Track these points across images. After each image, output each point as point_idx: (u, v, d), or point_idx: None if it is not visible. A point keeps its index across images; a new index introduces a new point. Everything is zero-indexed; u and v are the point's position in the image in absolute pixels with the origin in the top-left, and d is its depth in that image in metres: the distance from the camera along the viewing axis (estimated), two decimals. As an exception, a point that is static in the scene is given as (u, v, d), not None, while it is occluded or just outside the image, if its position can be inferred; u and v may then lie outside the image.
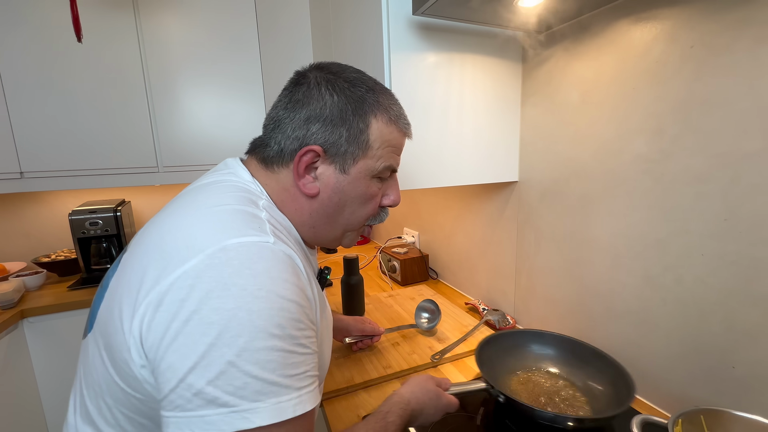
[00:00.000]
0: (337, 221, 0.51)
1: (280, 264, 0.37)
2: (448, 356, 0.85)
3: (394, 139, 0.51)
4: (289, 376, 0.35)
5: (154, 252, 0.38)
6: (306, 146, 0.46)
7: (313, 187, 0.48)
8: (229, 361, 0.32)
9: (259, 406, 0.33)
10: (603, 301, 0.77)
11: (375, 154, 0.49)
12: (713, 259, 0.57)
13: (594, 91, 0.73)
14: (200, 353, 0.32)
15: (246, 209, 0.42)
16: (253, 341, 0.33)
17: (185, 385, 0.32)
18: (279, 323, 0.35)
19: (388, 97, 0.51)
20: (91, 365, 0.42)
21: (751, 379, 0.54)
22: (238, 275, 0.34)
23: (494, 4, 0.67)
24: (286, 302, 0.36)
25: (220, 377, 0.32)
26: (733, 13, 0.52)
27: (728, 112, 0.54)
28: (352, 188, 0.49)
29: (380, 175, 0.51)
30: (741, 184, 0.53)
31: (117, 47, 1.43)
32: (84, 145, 1.45)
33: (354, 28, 0.94)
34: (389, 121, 0.49)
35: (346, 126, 0.46)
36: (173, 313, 0.33)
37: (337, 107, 0.46)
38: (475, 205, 1.15)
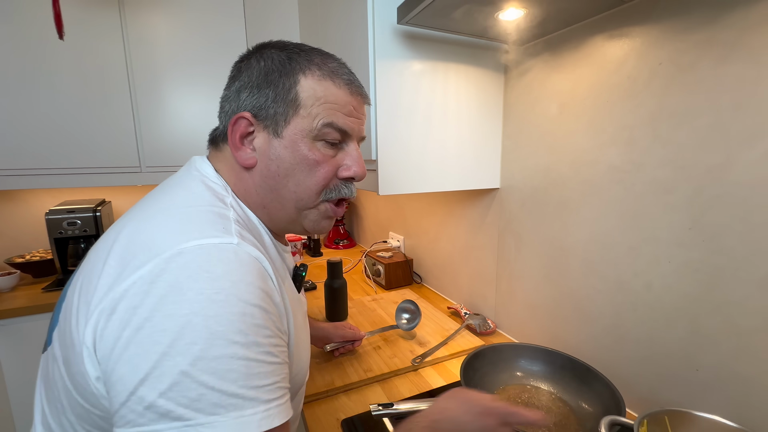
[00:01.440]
0: (283, 195, 0.46)
1: (243, 266, 0.35)
2: (429, 360, 0.86)
3: (332, 95, 0.46)
4: (253, 388, 0.32)
5: (112, 257, 0.35)
6: (236, 114, 0.44)
7: (251, 158, 0.45)
8: (183, 371, 0.30)
9: (218, 420, 0.30)
10: (578, 306, 0.79)
11: (309, 112, 0.44)
12: (679, 266, 0.60)
13: (571, 103, 0.76)
14: (152, 363, 0.30)
15: (212, 209, 0.40)
16: (210, 349, 0.30)
17: (136, 398, 0.30)
18: (240, 329, 0.32)
19: (324, 56, 0.47)
20: (51, 381, 0.40)
21: (713, 381, 0.57)
22: (194, 279, 0.32)
23: (475, 16, 0.69)
24: (249, 307, 0.33)
25: (173, 388, 0.29)
26: (697, 33, 0.55)
27: (693, 126, 0.57)
28: (290, 153, 0.45)
29: (324, 137, 0.46)
30: (704, 196, 0.56)
31: (100, 44, 1.41)
32: (64, 143, 1.41)
33: (341, 35, 0.95)
34: (322, 76, 0.45)
35: (271, 87, 0.44)
36: (125, 321, 0.31)
37: (263, 71, 0.44)
38: (459, 210, 1.17)
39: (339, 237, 2.09)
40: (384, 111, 0.81)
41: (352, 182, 0.51)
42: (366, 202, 1.99)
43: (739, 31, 0.51)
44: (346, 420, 0.68)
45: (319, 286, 1.36)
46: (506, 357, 0.77)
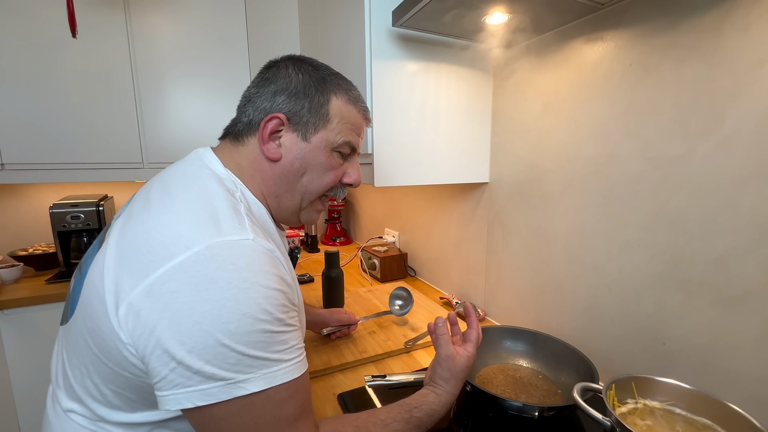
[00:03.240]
0: (296, 188, 0.53)
1: (260, 258, 0.41)
2: (421, 343, 0.91)
3: (353, 118, 0.55)
4: (277, 351, 0.40)
5: (140, 246, 0.40)
6: (271, 114, 0.51)
7: (276, 152, 0.51)
8: (223, 344, 0.37)
9: (252, 377, 0.38)
10: (560, 291, 0.84)
11: (334, 128, 0.53)
12: (648, 248, 0.66)
13: (553, 101, 0.82)
14: (196, 338, 0.36)
15: (227, 204, 0.44)
16: (242, 326, 0.38)
17: (184, 366, 0.36)
18: (265, 309, 0.39)
19: (348, 83, 0.56)
20: (75, 348, 0.45)
21: (676, 353, 0.63)
22: (223, 270, 0.38)
23: (464, 19, 0.74)
24: (270, 291, 0.40)
25: (216, 357, 0.37)
26: (661, 37, 0.61)
27: (658, 121, 0.63)
28: (313, 156, 0.52)
29: (340, 150, 0.54)
30: (668, 184, 0.62)
31: (106, 43, 1.45)
32: (68, 139, 1.45)
33: (339, 36, 1.01)
34: (348, 101, 0.54)
35: (308, 99, 0.51)
36: (164, 304, 0.36)
37: (301, 83, 0.52)
38: (451, 205, 1.22)
39: (336, 234, 2.13)
40: (379, 108, 0.86)
41: (349, 187, 0.60)
42: (362, 200, 2.04)
43: (695, 35, 0.57)
44: (341, 394, 0.73)
45: (317, 279, 1.41)
46: (492, 339, 0.82)
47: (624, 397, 0.57)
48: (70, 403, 0.46)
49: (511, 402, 0.62)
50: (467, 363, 0.58)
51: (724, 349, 0.57)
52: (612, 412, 0.50)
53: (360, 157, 0.94)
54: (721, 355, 0.57)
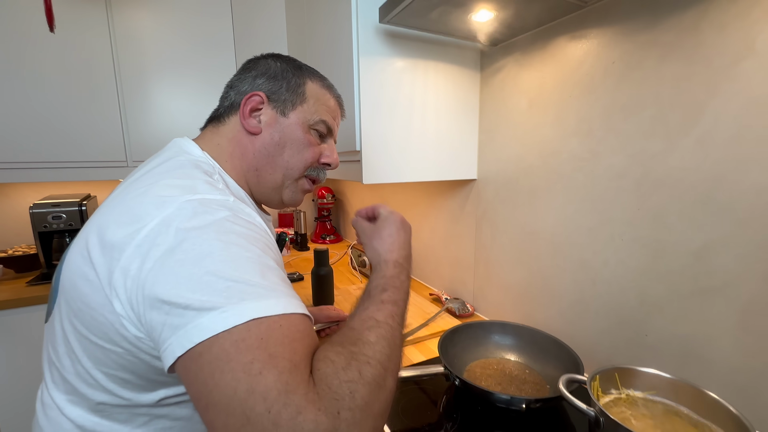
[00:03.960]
0: (277, 162, 0.56)
1: (243, 213, 0.42)
2: (411, 339, 0.92)
3: (328, 102, 0.59)
4: (272, 282, 0.36)
5: (123, 217, 0.40)
6: (251, 92, 0.55)
7: (256, 126, 0.55)
8: (208, 271, 0.34)
9: (246, 304, 0.33)
10: (546, 285, 0.86)
11: (311, 108, 0.57)
12: (630, 243, 0.67)
13: (539, 98, 0.83)
14: (182, 276, 0.34)
15: (205, 178, 0.45)
16: (228, 252, 0.36)
17: (174, 305, 0.33)
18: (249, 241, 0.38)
19: (323, 76, 0.61)
20: (60, 338, 0.44)
21: (658, 344, 0.64)
22: (210, 213, 0.38)
23: (450, 17, 0.75)
24: (251, 231, 0.40)
25: (203, 287, 0.33)
26: (643, 35, 0.63)
27: (640, 117, 0.64)
28: (291, 131, 0.56)
29: (317, 128, 0.58)
30: (649, 179, 0.63)
31: (87, 38, 1.42)
32: (49, 137, 1.41)
33: (327, 33, 1.00)
34: (323, 87, 0.59)
35: (285, 80, 0.56)
36: (150, 257, 0.35)
37: (279, 68, 0.57)
38: (439, 202, 1.23)
39: (326, 232, 2.13)
40: (367, 105, 0.86)
41: (327, 168, 0.62)
42: (352, 198, 2.04)
43: (676, 33, 0.58)
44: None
45: (306, 277, 1.40)
46: (480, 333, 0.84)
47: (608, 387, 0.58)
48: (65, 398, 0.45)
49: (499, 395, 0.63)
50: (386, 221, 0.57)
51: (702, 339, 0.58)
52: (596, 402, 0.51)
53: (348, 154, 0.94)
54: (700, 345, 0.59)
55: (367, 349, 0.36)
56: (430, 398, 0.71)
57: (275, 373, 0.30)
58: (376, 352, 0.36)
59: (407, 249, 0.55)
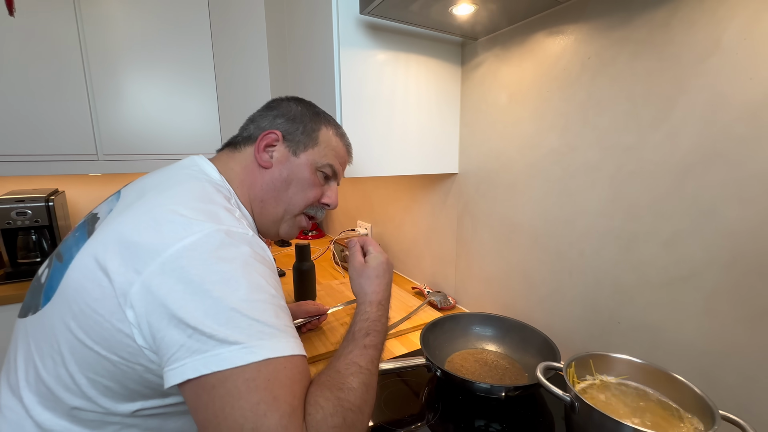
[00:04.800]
0: (281, 197, 0.60)
1: (259, 247, 0.46)
2: (393, 332, 0.92)
3: (338, 148, 0.65)
4: (284, 325, 0.41)
5: (147, 230, 0.41)
6: (270, 129, 0.60)
7: (268, 161, 0.59)
8: (233, 308, 0.37)
9: (263, 343, 0.37)
10: (525, 277, 0.88)
11: (321, 151, 0.62)
12: (605, 234, 0.70)
13: (518, 93, 0.84)
14: (208, 305, 0.37)
15: (224, 208, 0.47)
16: (251, 293, 0.39)
17: (199, 331, 0.36)
18: (269, 282, 0.42)
19: (337, 123, 0.67)
20: (48, 336, 0.44)
21: (630, 331, 0.67)
22: (230, 249, 0.41)
23: (432, 9, 0.75)
24: (272, 271, 0.44)
25: (228, 322, 0.37)
26: (617, 32, 0.64)
27: (614, 112, 0.66)
28: (299, 170, 0.61)
29: (323, 170, 0.63)
30: (622, 172, 0.66)
31: (51, 22, 1.34)
32: (9, 127, 1.34)
33: (306, 22, 0.98)
34: (336, 134, 0.65)
35: (302, 124, 0.61)
36: (177, 278, 0.38)
37: (299, 112, 0.62)
38: (421, 196, 1.23)
39: (308, 228, 2.10)
40: (348, 98, 0.85)
41: (326, 208, 0.67)
42: (334, 192, 2.02)
43: (648, 30, 0.60)
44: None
45: (288, 273, 1.38)
46: (461, 325, 0.85)
47: (583, 373, 0.60)
48: (38, 397, 0.43)
49: (479, 384, 0.64)
50: (375, 261, 0.63)
51: (671, 324, 0.61)
52: (571, 388, 0.53)
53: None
54: (669, 331, 0.61)
55: (351, 395, 0.41)
56: (412, 390, 0.72)
57: (277, 416, 0.35)
58: (357, 398, 0.41)
59: (389, 290, 0.62)
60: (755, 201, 0.50)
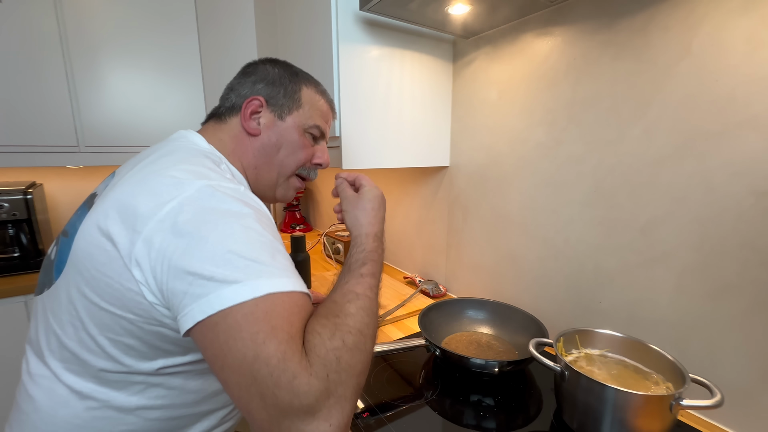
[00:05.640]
0: (273, 161, 0.61)
1: (252, 200, 0.46)
2: (389, 318, 0.96)
3: (321, 107, 0.64)
4: (282, 265, 0.41)
5: (141, 193, 0.43)
6: (252, 96, 0.59)
7: (256, 128, 0.59)
8: (230, 250, 0.38)
9: (261, 280, 0.38)
10: (514, 264, 0.93)
11: (306, 112, 0.62)
12: (587, 222, 0.76)
13: (508, 90, 0.89)
14: (206, 252, 0.38)
15: (214, 167, 0.49)
16: (246, 237, 0.40)
17: (199, 275, 0.37)
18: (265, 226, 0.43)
19: (317, 81, 0.65)
20: (65, 307, 0.46)
21: (610, 309, 0.73)
22: (223, 200, 0.42)
23: (428, 9, 0.78)
24: (267, 217, 0.46)
25: (226, 264, 0.38)
26: (600, 35, 0.70)
27: (597, 109, 0.72)
28: (287, 133, 0.61)
29: (311, 131, 0.63)
30: (604, 164, 0.72)
31: (29, 10, 1.29)
32: (-15, 118, 1.28)
33: (302, 18, 0.99)
34: (317, 92, 0.64)
35: (283, 86, 0.60)
36: (175, 232, 0.39)
37: (278, 74, 0.61)
38: (412, 189, 1.27)
39: (295, 222, 2.11)
40: (346, 92, 0.87)
41: (319, 167, 0.67)
42: (322, 186, 2.03)
43: (628, 34, 0.66)
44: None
45: (280, 265, 1.40)
46: (456, 309, 0.90)
47: (570, 348, 0.66)
48: (62, 366, 0.46)
49: (474, 360, 0.68)
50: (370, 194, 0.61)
51: (646, 302, 0.68)
52: (562, 358, 0.58)
53: (329, 140, 0.95)
54: (645, 308, 0.68)
55: (349, 320, 0.41)
56: (411, 370, 0.76)
57: (275, 342, 0.35)
58: (357, 321, 0.42)
59: (383, 224, 0.61)
60: (718, 189, 0.57)
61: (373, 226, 0.58)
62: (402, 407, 0.65)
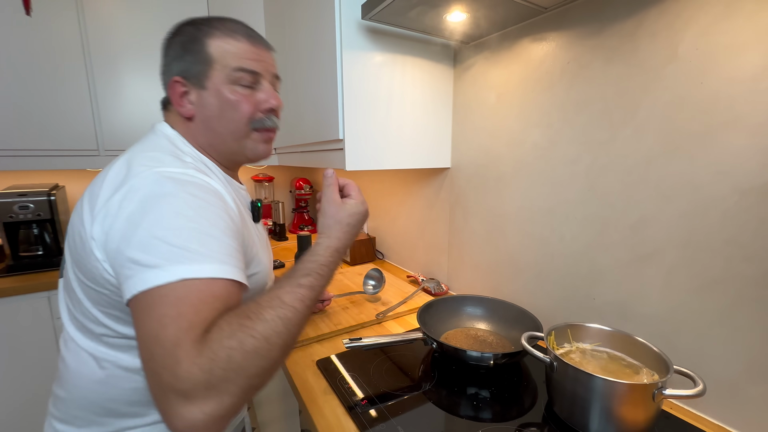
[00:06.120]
0: (220, 132, 0.59)
1: (195, 184, 0.49)
2: (391, 315, 0.99)
3: (235, 48, 0.57)
4: (208, 249, 0.43)
5: (102, 185, 0.49)
6: (170, 79, 0.58)
7: (190, 110, 0.58)
8: (156, 236, 0.42)
9: (180, 267, 0.41)
10: (512, 262, 0.96)
11: (222, 64, 0.57)
12: (582, 220, 0.78)
13: (505, 93, 0.92)
14: (137, 237, 0.43)
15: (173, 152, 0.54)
16: (171, 221, 0.43)
17: (128, 258, 0.42)
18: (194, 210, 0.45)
19: (223, 20, 0.59)
20: (72, 287, 0.53)
21: (602, 305, 0.75)
22: (165, 187, 0.46)
23: (427, 16, 0.82)
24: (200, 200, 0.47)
25: (149, 248, 0.42)
26: (592, 39, 0.72)
27: (590, 111, 0.74)
28: (216, 98, 0.57)
29: (238, 81, 0.57)
30: (597, 164, 0.74)
31: (53, 19, 1.37)
32: (12, 123, 1.36)
33: (308, 26, 1.04)
34: (225, 36, 0.57)
35: (189, 53, 0.57)
36: (117, 217, 0.45)
37: (180, 44, 0.58)
38: (415, 190, 1.31)
39: (303, 223, 2.16)
40: (349, 96, 0.91)
41: (273, 113, 0.62)
42: (330, 188, 2.08)
43: (618, 39, 0.68)
44: (319, 361, 0.79)
45: (288, 264, 1.44)
46: (453, 306, 0.92)
47: (561, 341, 0.68)
48: (79, 333, 0.54)
49: (470, 352, 0.71)
50: (353, 210, 0.59)
51: (638, 298, 0.70)
52: (551, 350, 0.61)
53: (332, 143, 0.99)
54: (635, 303, 0.70)
55: (259, 325, 0.41)
56: (410, 363, 0.79)
57: (175, 328, 0.38)
58: (267, 329, 0.41)
59: (352, 241, 0.59)
60: (704, 188, 0.59)
61: (340, 241, 0.56)
62: (400, 397, 0.68)
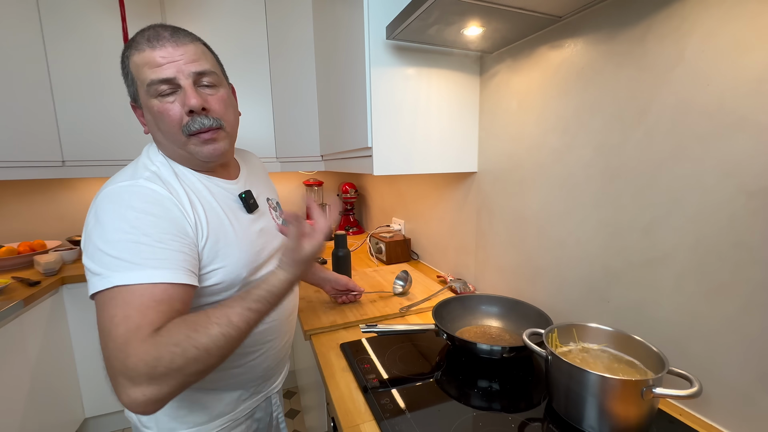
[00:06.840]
0: (166, 143, 0.64)
1: (138, 195, 0.56)
2: (414, 309, 1.06)
3: (142, 62, 0.59)
4: (143, 259, 0.51)
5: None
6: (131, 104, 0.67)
7: (145, 128, 0.67)
8: (99, 249, 0.52)
9: (119, 273, 0.50)
10: (532, 264, 0.97)
11: (140, 80, 0.60)
12: (596, 223, 0.78)
13: (526, 100, 0.95)
14: (89, 249, 0.53)
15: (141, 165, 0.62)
16: (114, 236, 0.52)
17: (86, 268, 0.53)
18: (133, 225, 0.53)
19: (138, 34, 0.61)
20: None
21: (618, 308, 0.75)
22: (114, 200, 0.56)
23: (445, 33, 0.88)
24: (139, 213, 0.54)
25: (94, 259, 0.52)
26: (605, 45, 0.74)
27: (603, 115, 0.75)
28: (149, 114, 0.62)
29: (156, 94, 0.59)
30: (610, 168, 0.74)
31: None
32: (118, 139, 1.67)
33: (344, 45, 1.16)
34: (132, 53, 0.60)
35: (125, 78, 0.64)
36: (85, 230, 0.56)
37: (122, 66, 0.63)
38: (447, 193, 1.36)
39: (349, 224, 2.30)
40: (377, 108, 1.01)
41: (197, 115, 0.61)
42: (373, 192, 2.20)
43: (628, 44, 0.69)
44: (343, 344, 0.89)
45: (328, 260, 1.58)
46: (470, 305, 0.97)
47: (567, 340, 0.70)
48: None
49: (480, 345, 0.76)
50: (310, 251, 0.61)
51: (650, 302, 0.69)
52: (548, 346, 0.64)
53: (361, 150, 1.10)
54: (649, 308, 0.69)
55: (203, 338, 0.49)
56: (423, 353, 0.85)
57: (124, 328, 0.47)
58: (211, 342, 0.49)
59: (306, 272, 0.64)
60: (712, 190, 0.58)
61: (295, 276, 0.60)
62: (409, 381, 0.75)
